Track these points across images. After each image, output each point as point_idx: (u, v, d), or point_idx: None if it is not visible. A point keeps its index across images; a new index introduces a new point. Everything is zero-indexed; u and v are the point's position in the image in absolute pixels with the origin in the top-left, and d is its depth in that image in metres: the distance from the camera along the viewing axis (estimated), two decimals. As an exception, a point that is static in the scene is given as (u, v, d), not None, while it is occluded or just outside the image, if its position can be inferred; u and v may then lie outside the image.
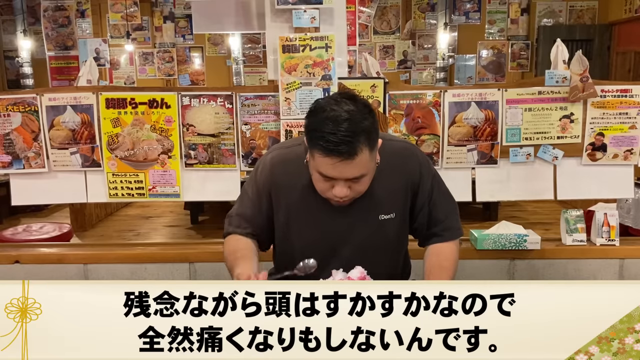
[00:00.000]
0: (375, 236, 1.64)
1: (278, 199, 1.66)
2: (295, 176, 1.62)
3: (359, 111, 1.44)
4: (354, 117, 1.42)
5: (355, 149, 1.41)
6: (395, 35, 8.84)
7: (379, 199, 1.62)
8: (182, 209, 6.15)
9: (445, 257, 1.68)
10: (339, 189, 1.48)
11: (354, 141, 1.40)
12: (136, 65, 9.24)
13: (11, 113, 2.42)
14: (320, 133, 1.41)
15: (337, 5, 2.31)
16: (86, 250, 2.51)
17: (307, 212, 1.62)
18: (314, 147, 1.45)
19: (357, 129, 1.41)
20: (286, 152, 1.70)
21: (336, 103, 1.45)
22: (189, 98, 2.39)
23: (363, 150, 1.42)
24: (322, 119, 1.43)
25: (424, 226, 1.71)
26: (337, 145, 1.39)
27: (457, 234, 1.73)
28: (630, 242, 2.47)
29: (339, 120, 1.41)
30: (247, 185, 1.73)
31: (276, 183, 1.66)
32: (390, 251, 1.70)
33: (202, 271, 2.41)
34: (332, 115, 1.42)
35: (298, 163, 1.61)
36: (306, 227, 1.62)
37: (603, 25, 7.86)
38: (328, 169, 1.44)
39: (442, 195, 1.71)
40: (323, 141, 1.40)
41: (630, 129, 2.37)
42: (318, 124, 1.43)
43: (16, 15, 7.84)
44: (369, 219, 1.63)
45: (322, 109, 1.45)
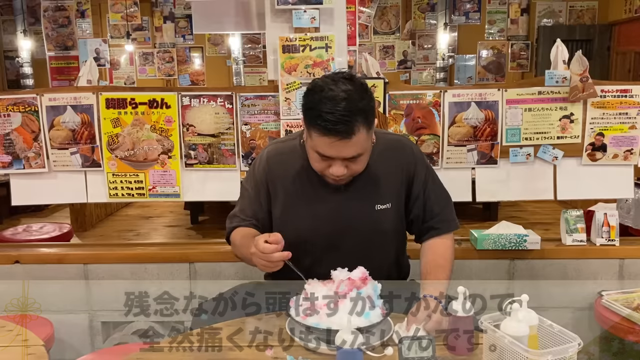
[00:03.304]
0: (372, 226, 1.65)
1: (275, 190, 1.68)
2: (290, 166, 1.66)
3: (356, 91, 1.45)
4: (351, 97, 1.43)
5: (353, 128, 1.42)
6: (395, 36, 8.84)
7: (375, 189, 1.64)
8: (182, 209, 6.15)
9: (442, 254, 1.68)
10: (336, 168, 1.51)
11: (352, 120, 1.42)
12: (136, 66, 9.24)
13: (11, 113, 2.42)
14: (318, 112, 1.43)
15: (337, 5, 2.31)
16: (86, 250, 2.52)
17: (304, 201, 1.64)
18: (311, 126, 1.47)
19: (354, 109, 1.42)
20: (282, 145, 1.74)
21: (334, 82, 1.46)
22: (189, 98, 2.39)
23: (360, 129, 1.44)
24: (320, 98, 1.44)
25: (420, 218, 1.72)
26: (334, 124, 1.41)
27: (453, 226, 1.75)
28: (630, 242, 2.47)
29: (336, 100, 1.42)
30: (246, 182, 1.76)
31: (273, 174, 1.68)
32: (386, 242, 1.71)
33: (202, 271, 2.41)
34: (330, 94, 1.43)
35: (293, 154, 1.65)
36: (303, 217, 1.64)
37: (603, 25, 7.86)
38: (326, 148, 1.46)
39: (436, 187, 1.74)
40: (321, 120, 1.42)
41: (630, 129, 2.37)
42: (316, 103, 1.44)
43: (16, 15, 7.84)
44: (366, 209, 1.64)
45: (320, 88, 1.46)
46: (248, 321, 1.59)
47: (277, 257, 1.44)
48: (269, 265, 1.47)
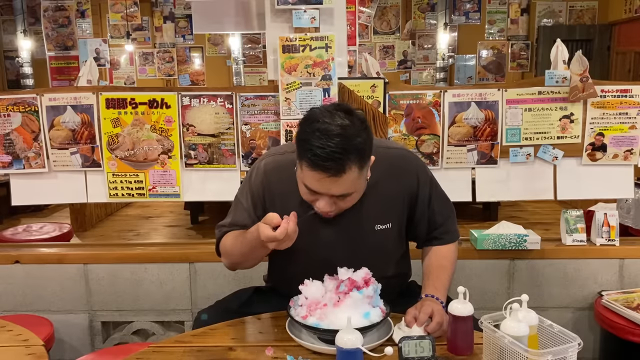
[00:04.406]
0: (371, 246, 1.60)
1: (273, 206, 1.59)
2: (289, 184, 1.54)
3: (352, 126, 1.36)
4: (346, 133, 1.35)
5: (344, 166, 1.34)
6: (395, 35, 8.84)
7: (375, 209, 1.58)
8: (182, 209, 6.15)
9: (444, 255, 1.67)
10: (323, 204, 1.43)
11: (343, 158, 1.33)
12: (136, 66, 9.24)
13: (11, 113, 2.42)
14: (310, 145, 1.34)
15: (337, 5, 2.31)
16: (86, 250, 2.52)
17: (301, 222, 1.50)
18: (301, 159, 1.39)
19: (348, 146, 1.34)
20: (280, 159, 1.64)
21: (330, 115, 1.37)
22: (189, 98, 2.39)
23: (352, 168, 1.36)
24: (313, 130, 1.36)
25: (424, 232, 1.70)
26: (324, 160, 1.33)
27: (455, 237, 1.72)
28: (630, 242, 2.48)
29: (330, 135, 1.33)
30: (240, 194, 1.67)
31: (270, 190, 1.61)
32: (387, 261, 1.67)
33: (202, 271, 2.41)
34: (323, 127, 1.35)
35: (292, 170, 1.54)
36: (301, 236, 1.50)
37: (603, 25, 7.87)
38: (314, 183, 1.39)
39: (440, 200, 1.69)
40: (311, 154, 1.34)
41: (630, 129, 2.37)
42: (308, 134, 1.36)
43: (16, 15, 7.85)
44: (365, 229, 1.59)
45: (315, 119, 1.38)
46: (248, 321, 1.59)
47: (292, 230, 1.38)
48: (290, 242, 1.42)
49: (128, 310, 2.46)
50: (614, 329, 2.16)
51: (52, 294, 2.44)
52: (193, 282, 2.42)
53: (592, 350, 2.42)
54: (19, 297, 2.43)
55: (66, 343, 2.47)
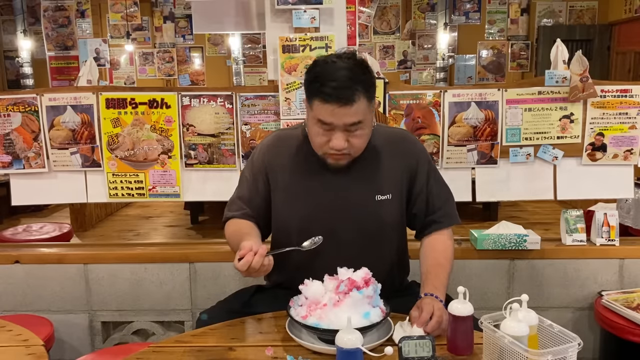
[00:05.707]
0: (372, 216, 1.64)
1: (275, 178, 1.68)
2: (290, 154, 1.67)
3: (358, 65, 1.50)
4: (353, 69, 1.49)
5: (354, 95, 1.46)
6: (395, 35, 8.84)
7: (376, 179, 1.65)
8: (182, 209, 6.15)
9: (442, 252, 1.69)
10: (337, 141, 1.51)
11: (353, 88, 1.46)
12: (136, 65, 9.24)
13: (11, 113, 2.42)
14: (320, 81, 1.47)
15: (337, 5, 2.32)
16: (86, 250, 2.51)
17: (304, 190, 1.65)
18: (313, 97, 1.50)
19: (355, 79, 1.47)
20: (282, 134, 1.77)
21: (336, 57, 1.52)
22: (189, 98, 2.39)
23: (361, 98, 1.48)
24: (323, 70, 1.49)
25: (423, 212, 1.72)
26: (336, 90, 1.45)
27: (455, 220, 1.75)
28: (630, 242, 2.47)
29: (338, 70, 1.48)
30: (245, 169, 1.79)
31: (272, 162, 1.69)
32: (386, 234, 1.69)
33: (202, 271, 2.41)
34: (332, 66, 1.49)
35: (294, 142, 1.68)
36: (303, 206, 1.64)
37: (603, 25, 7.87)
38: (327, 116, 1.48)
39: (438, 182, 1.74)
40: (323, 89, 1.46)
41: (630, 129, 2.37)
42: (318, 74, 1.49)
43: (16, 15, 7.83)
44: (366, 199, 1.64)
45: (323, 61, 1.52)
46: (248, 321, 1.59)
47: (256, 263, 1.40)
48: (257, 274, 1.45)
49: (128, 310, 2.46)
50: (614, 329, 2.16)
51: (52, 294, 2.44)
52: (193, 282, 2.42)
53: (592, 350, 2.42)
54: (19, 297, 2.43)
55: (66, 343, 2.47)
